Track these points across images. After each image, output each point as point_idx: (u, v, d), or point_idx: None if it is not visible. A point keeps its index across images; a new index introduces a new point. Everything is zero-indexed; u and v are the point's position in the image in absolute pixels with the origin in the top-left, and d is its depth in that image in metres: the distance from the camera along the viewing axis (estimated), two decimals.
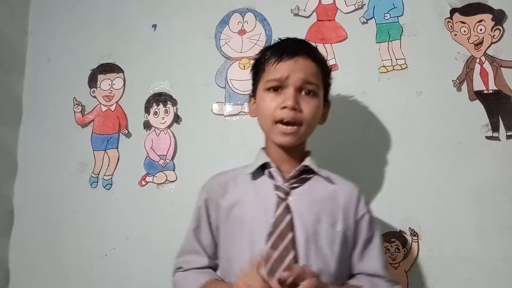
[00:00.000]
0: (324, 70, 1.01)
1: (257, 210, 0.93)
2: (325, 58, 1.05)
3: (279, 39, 1.06)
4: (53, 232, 1.45)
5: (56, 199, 1.47)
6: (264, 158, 0.99)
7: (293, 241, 0.88)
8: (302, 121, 0.94)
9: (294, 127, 0.94)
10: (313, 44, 1.33)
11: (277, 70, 0.95)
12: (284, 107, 0.93)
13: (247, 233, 0.92)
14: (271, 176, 0.97)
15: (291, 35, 1.34)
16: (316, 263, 0.88)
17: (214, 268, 0.99)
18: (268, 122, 0.96)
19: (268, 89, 0.97)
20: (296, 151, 0.99)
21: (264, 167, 0.99)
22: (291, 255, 0.87)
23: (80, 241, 1.41)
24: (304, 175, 0.97)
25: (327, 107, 1.05)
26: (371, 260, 0.96)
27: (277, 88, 0.96)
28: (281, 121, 0.94)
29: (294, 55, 0.96)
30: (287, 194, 0.94)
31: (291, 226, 0.90)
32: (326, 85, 1.04)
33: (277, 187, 0.95)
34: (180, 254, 1.02)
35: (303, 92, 0.96)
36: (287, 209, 0.92)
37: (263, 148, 1.04)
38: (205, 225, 0.99)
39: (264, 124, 0.99)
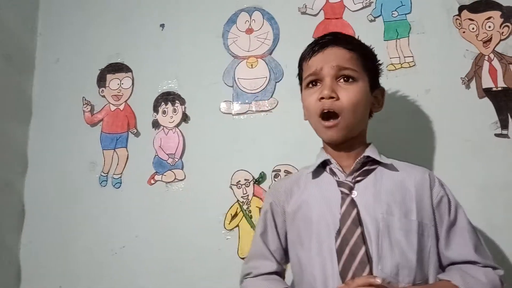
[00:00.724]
0: (362, 54, 0.98)
1: (322, 209, 0.91)
2: (366, 44, 1.02)
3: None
4: (63, 230, 1.46)
5: (66, 198, 1.48)
6: (323, 156, 0.97)
7: (362, 236, 0.84)
8: (342, 110, 0.91)
9: (334, 120, 0.92)
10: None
11: (310, 65, 0.96)
12: (322, 98, 0.92)
13: (315, 234, 0.90)
14: (332, 172, 0.95)
15: (299, 34, 1.37)
16: (391, 257, 0.83)
17: (282, 273, 0.98)
18: (313, 119, 0.95)
19: (307, 85, 0.97)
20: (355, 145, 0.97)
21: (325, 164, 0.97)
22: (362, 251, 0.83)
23: (90, 240, 1.43)
24: (366, 166, 0.94)
25: (381, 93, 1.02)
26: (459, 245, 0.89)
27: (315, 83, 0.96)
28: (323, 114, 0.92)
29: (324, 47, 0.96)
30: (351, 188, 0.90)
31: (358, 221, 0.86)
32: (372, 69, 1.00)
33: (340, 183, 0.92)
34: (248, 259, 1.01)
35: (341, 80, 0.94)
36: (353, 204, 0.88)
37: (322, 148, 1.02)
38: (272, 229, 0.99)
39: (312, 122, 0.98)
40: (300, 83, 1.04)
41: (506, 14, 1.24)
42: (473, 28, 1.27)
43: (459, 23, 1.28)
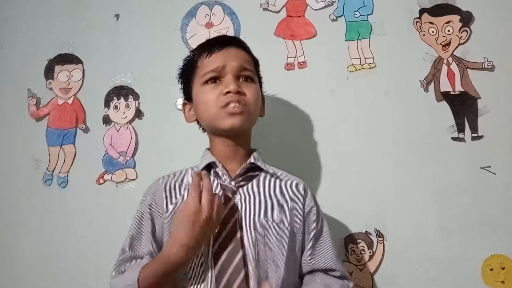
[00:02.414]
0: (255, 61, 1.03)
1: None
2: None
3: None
4: (4, 231, 1.35)
5: (7, 197, 1.37)
6: (209, 158, 0.97)
7: (241, 240, 0.86)
8: (247, 103, 0.94)
9: (241, 107, 0.93)
10: (283, 40, 1.32)
11: (211, 61, 0.96)
12: (228, 92, 0.92)
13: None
14: (217, 175, 0.95)
15: (260, 30, 1.34)
16: (264, 261, 0.87)
17: None
18: (213, 111, 0.94)
19: (206, 82, 0.96)
20: (242, 148, 0.98)
21: (210, 167, 0.97)
22: (239, 255, 0.85)
23: (33, 240, 1.32)
24: (250, 172, 0.96)
25: (263, 101, 1.05)
26: (323, 254, 0.95)
27: (215, 79, 0.95)
28: (227, 106, 0.92)
29: (225, 45, 0.97)
30: (234, 193, 0.92)
31: (239, 225, 0.88)
32: (259, 77, 1.04)
33: (223, 187, 0.93)
34: (117, 265, 0.93)
35: (241, 79, 0.96)
36: (234, 208, 0.90)
37: (208, 149, 1.02)
38: (147, 234, 0.93)
39: (208, 115, 0.95)
40: (186, 82, 1.03)
41: (465, 19, 1.26)
42: (433, 32, 1.27)
43: (420, 26, 1.28)
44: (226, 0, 1.38)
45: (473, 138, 1.20)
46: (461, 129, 1.21)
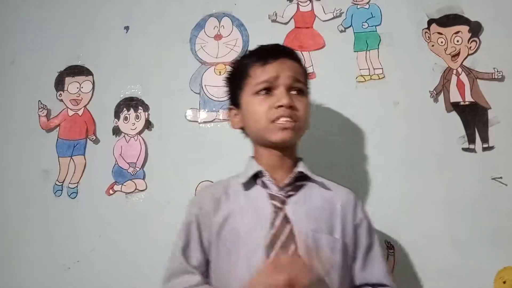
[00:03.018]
0: (306, 72, 1.02)
1: (252, 222, 0.88)
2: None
3: (255, 48, 1.04)
4: (13, 243, 1.36)
5: (17, 208, 1.38)
6: (256, 167, 0.94)
7: (296, 252, 0.83)
8: (298, 119, 0.92)
9: (292, 122, 0.91)
10: None
11: (265, 71, 0.93)
12: (280, 106, 0.90)
13: (243, 247, 0.86)
14: (264, 185, 0.93)
15: (269, 41, 1.32)
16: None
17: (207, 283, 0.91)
18: (263, 123, 0.92)
19: (257, 92, 0.93)
20: (288, 157, 0.96)
21: (256, 176, 0.94)
22: None
23: (42, 253, 1.33)
24: (298, 182, 0.93)
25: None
26: (374, 268, 0.92)
27: (267, 90, 0.93)
28: (278, 120, 0.91)
29: (279, 56, 0.95)
30: (283, 203, 0.89)
31: (292, 237, 0.85)
32: (308, 88, 1.02)
33: (272, 196, 0.90)
34: (167, 278, 0.91)
35: (293, 92, 0.94)
36: (286, 219, 0.87)
37: (253, 157, 0.99)
38: (195, 243, 0.92)
39: (258, 126, 0.93)
40: (235, 88, 0.99)
41: (474, 29, 1.26)
42: (441, 42, 1.27)
43: (428, 37, 1.28)
44: (235, 12, 1.40)
45: (484, 149, 1.19)
46: (471, 140, 1.20)
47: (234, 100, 1.00)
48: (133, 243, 1.28)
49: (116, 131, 1.37)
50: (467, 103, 1.23)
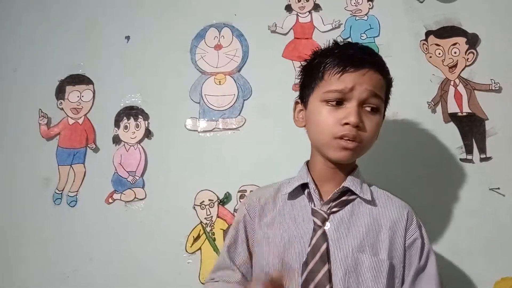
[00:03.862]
0: (388, 82, 0.93)
1: (292, 236, 0.86)
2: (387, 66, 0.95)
3: (334, 42, 0.95)
4: (12, 251, 1.35)
5: (16, 216, 1.38)
6: (303, 178, 0.91)
7: (329, 274, 0.80)
8: (363, 140, 0.86)
9: (355, 142, 0.85)
10: (290, 61, 1.34)
11: (340, 81, 0.85)
12: (346, 124, 0.84)
13: (281, 260, 0.85)
14: (310, 197, 0.90)
15: (268, 52, 1.36)
16: None
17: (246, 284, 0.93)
18: (325, 138, 0.86)
19: (327, 101, 0.87)
20: (343, 169, 0.91)
21: (304, 185, 0.91)
22: None
23: (41, 262, 1.32)
24: (345, 197, 0.89)
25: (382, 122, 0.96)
26: None
27: (338, 101, 0.86)
28: (341, 138, 0.85)
29: (361, 66, 0.85)
30: (325, 220, 0.86)
31: (326, 257, 0.82)
32: (387, 98, 0.96)
33: (314, 212, 0.87)
34: (213, 270, 0.96)
35: (366, 107, 0.86)
36: (324, 238, 0.84)
37: (307, 163, 0.96)
38: (242, 241, 0.93)
39: (320, 139, 0.88)
40: (306, 85, 0.93)
41: (471, 40, 1.27)
42: (439, 53, 1.28)
43: (426, 48, 1.30)
44: (235, 23, 1.41)
45: (482, 160, 1.20)
46: (469, 150, 1.21)
47: (303, 95, 0.94)
48: (132, 251, 1.28)
49: (116, 140, 1.37)
50: (464, 114, 1.24)
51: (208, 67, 1.39)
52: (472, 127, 1.22)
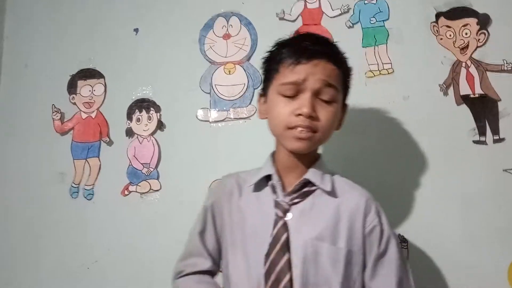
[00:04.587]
0: (344, 71, 0.94)
1: (256, 228, 0.89)
2: (346, 56, 0.95)
3: (295, 34, 0.97)
4: (31, 244, 1.40)
5: (34, 210, 1.42)
6: (268, 169, 0.93)
7: (288, 263, 0.83)
8: (318, 129, 0.88)
9: (309, 132, 0.87)
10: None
11: (294, 72, 0.87)
12: (300, 114, 0.86)
13: (245, 249, 0.88)
14: (273, 189, 0.92)
15: (277, 39, 1.34)
16: (315, 284, 0.83)
17: (216, 273, 0.96)
18: (280, 128, 0.89)
19: (282, 93, 0.89)
20: (305, 159, 0.93)
21: (268, 177, 0.93)
22: (287, 278, 0.82)
23: (60, 254, 1.36)
24: (307, 188, 0.91)
25: (344, 111, 0.98)
26: (383, 277, 0.87)
27: (292, 92, 0.88)
28: (295, 128, 0.87)
29: (312, 57, 0.87)
30: (286, 211, 0.88)
31: (287, 247, 0.84)
32: (346, 87, 0.96)
33: (276, 204, 0.89)
34: (183, 257, 0.97)
35: (321, 98, 0.88)
36: (284, 228, 0.86)
37: (272, 154, 0.98)
38: (211, 228, 0.96)
39: (276, 130, 0.91)
40: (266, 76, 0.95)
41: (482, 21, 1.25)
42: (450, 35, 1.27)
43: (437, 30, 1.28)
44: (243, 11, 1.40)
45: (495, 141, 1.19)
46: (482, 132, 1.21)
47: (264, 88, 0.96)
48: (149, 241, 1.31)
49: (129, 133, 1.39)
50: (477, 95, 1.23)
51: (218, 57, 1.39)
52: (484, 109, 1.21)
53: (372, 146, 1.25)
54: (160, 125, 1.38)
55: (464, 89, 1.24)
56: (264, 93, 0.96)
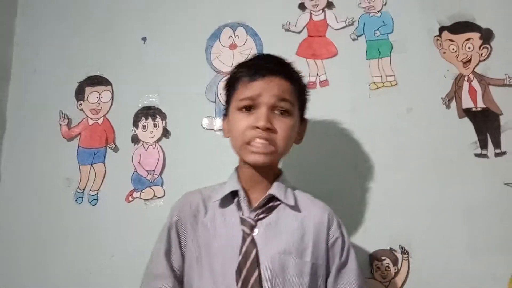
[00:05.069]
0: (299, 87, 0.99)
1: (223, 245, 0.90)
2: (301, 74, 1.02)
3: (253, 56, 1.06)
4: (37, 249, 1.41)
5: (39, 215, 1.43)
6: (233, 185, 0.95)
7: (259, 278, 0.85)
8: (275, 142, 0.91)
9: (268, 145, 0.91)
10: (304, 59, 1.35)
11: (249, 89, 0.92)
12: (257, 127, 0.90)
13: (212, 268, 0.88)
14: (238, 206, 0.93)
15: (282, 50, 1.35)
16: None
17: None
18: (239, 142, 0.93)
19: (240, 108, 0.94)
20: (267, 174, 0.96)
21: (234, 193, 0.95)
22: None
23: (64, 259, 1.38)
24: (271, 203, 0.94)
25: (304, 126, 1.03)
26: (345, 286, 0.92)
27: (249, 108, 0.93)
28: (251, 142, 0.91)
29: (267, 74, 0.93)
30: (253, 227, 0.90)
31: (257, 263, 0.86)
32: (302, 103, 1.01)
33: (242, 221, 0.91)
34: (146, 281, 0.96)
35: (276, 112, 0.93)
36: (253, 244, 0.88)
37: (236, 169, 1.01)
38: (176, 248, 0.94)
39: (236, 145, 0.96)
40: (228, 97, 1.00)
41: (485, 36, 1.27)
42: (453, 49, 1.29)
43: (440, 44, 1.30)
44: (249, 22, 1.43)
45: (496, 154, 1.20)
46: (484, 145, 1.22)
47: (226, 108, 1.02)
48: (152, 248, 1.31)
49: (135, 139, 1.41)
50: (479, 109, 1.24)
51: (223, 66, 1.41)
52: (486, 122, 1.22)
53: (374, 157, 1.26)
54: (166, 133, 1.39)
55: (467, 103, 1.25)
56: (226, 113, 1.01)
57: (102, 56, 1.50)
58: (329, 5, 1.39)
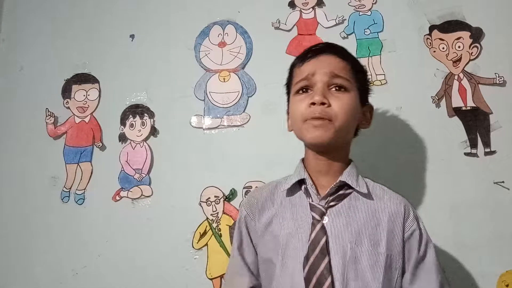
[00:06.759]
0: (355, 66, 0.96)
1: (292, 232, 0.88)
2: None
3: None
4: (22, 248, 1.38)
5: (25, 214, 1.40)
6: (300, 174, 0.93)
7: (329, 266, 0.82)
8: (332, 117, 0.87)
9: (325, 120, 0.87)
10: (294, 57, 1.34)
11: (303, 70, 0.92)
12: (312, 103, 0.88)
13: (282, 256, 0.87)
14: (307, 193, 0.91)
15: (272, 48, 1.36)
16: None
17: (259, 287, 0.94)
18: (298, 123, 0.90)
19: (298, 91, 0.92)
20: (336, 159, 0.93)
21: (301, 181, 0.93)
22: (328, 281, 0.81)
23: (50, 259, 1.35)
24: (342, 191, 0.90)
25: (369, 110, 1.00)
26: (424, 282, 0.87)
27: (306, 89, 0.91)
28: (311, 119, 0.88)
29: (318, 53, 0.93)
30: (323, 214, 0.87)
31: (326, 250, 0.83)
32: (362, 83, 0.97)
33: (312, 207, 0.88)
34: (229, 277, 0.98)
35: (332, 88, 0.90)
36: (323, 231, 0.85)
37: (302, 160, 0.98)
38: (248, 241, 0.95)
39: (296, 127, 0.93)
40: (288, 92, 1.00)
41: (475, 35, 1.27)
42: (443, 48, 1.28)
43: (430, 43, 1.30)
44: (239, 20, 1.42)
45: (486, 153, 1.20)
46: (473, 145, 1.21)
47: (288, 101, 1.00)
48: (139, 248, 1.30)
49: (122, 138, 1.39)
50: (469, 108, 1.24)
51: (213, 64, 1.40)
52: (476, 121, 1.22)
53: (363, 155, 1.25)
54: (154, 131, 1.38)
55: (456, 102, 1.25)
56: (288, 107, 1.00)
57: (89, 54, 1.48)
58: (319, 3, 1.38)
